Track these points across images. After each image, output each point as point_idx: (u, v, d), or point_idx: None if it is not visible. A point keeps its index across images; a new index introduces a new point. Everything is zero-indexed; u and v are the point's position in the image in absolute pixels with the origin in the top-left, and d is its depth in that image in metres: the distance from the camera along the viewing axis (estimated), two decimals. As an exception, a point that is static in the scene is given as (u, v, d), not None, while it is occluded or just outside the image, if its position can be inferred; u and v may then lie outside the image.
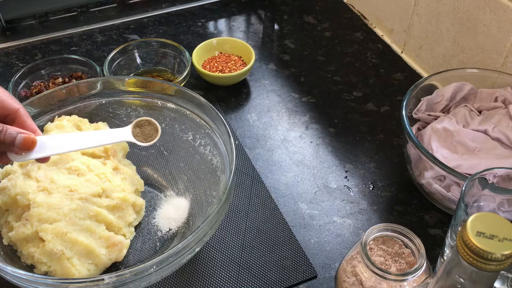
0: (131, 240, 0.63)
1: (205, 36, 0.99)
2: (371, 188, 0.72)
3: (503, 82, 0.71)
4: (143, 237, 0.64)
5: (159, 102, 0.68)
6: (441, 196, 0.64)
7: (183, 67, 0.85)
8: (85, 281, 0.48)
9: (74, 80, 0.83)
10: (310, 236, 0.66)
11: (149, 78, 0.70)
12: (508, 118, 0.68)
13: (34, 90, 0.81)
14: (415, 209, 0.69)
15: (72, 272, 0.56)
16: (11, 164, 0.62)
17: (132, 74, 0.87)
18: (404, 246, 0.53)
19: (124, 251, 0.60)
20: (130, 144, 0.70)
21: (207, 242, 0.60)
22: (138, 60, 0.88)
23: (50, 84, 0.83)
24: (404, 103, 0.67)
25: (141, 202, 0.65)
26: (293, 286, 0.61)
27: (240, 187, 0.71)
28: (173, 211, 0.67)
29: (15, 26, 1.00)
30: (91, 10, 1.04)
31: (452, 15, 0.80)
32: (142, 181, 0.68)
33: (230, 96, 0.86)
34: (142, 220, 0.66)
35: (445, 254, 0.56)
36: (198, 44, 0.89)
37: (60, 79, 0.84)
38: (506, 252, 0.29)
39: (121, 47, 0.85)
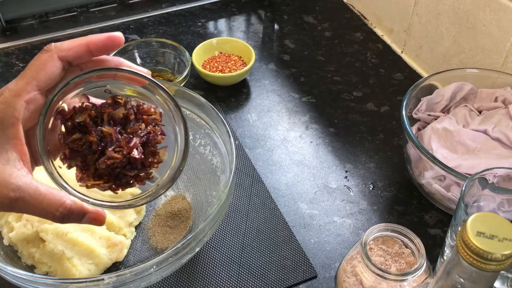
0: (131, 240, 0.63)
1: (205, 36, 0.99)
2: (371, 188, 0.72)
3: (503, 82, 0.71)
4: (143, 237, 0.64)
5: (159, 102, 0.67)
6: (441, 196, 0.64)
7: (183, 67, 0.85)
8: (85, 281, 0.48)
9: None
10: (310, 236, 0.66)
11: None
12: (508, 118, 0.68)
13: None
14: (415, 209, 0.69)
15: (72, 272, 0.56)
16: None
17: (132, 74, 0.87)
18: (404, 246, 0.53)
19: (125, 251, 0.61)
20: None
21: (207, 242, 0.60)
22: (138, 60, 0.88)
23: None
24: (404, 103, 0.67)
25: (141, 202, 0.65)
26: (293, 286, 0.61)
27: (240, 187, 0.71)
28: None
29: (15, 26, 1.00)
30: (91, 10, 1.04)
31: (452, 15, 0.80)
32: (142, 181, 0.68)
33: (230, 96, 0.86)
34: (142, 220, 0.66)
35: (445, 254, 0.56)
36: (198, 44, 0.89)
37: None
38: (506, 252, 0.29)
39: (121, 47, 0.85)
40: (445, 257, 0.56)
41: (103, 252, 0.58)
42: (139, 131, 0.44)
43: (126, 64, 0.44)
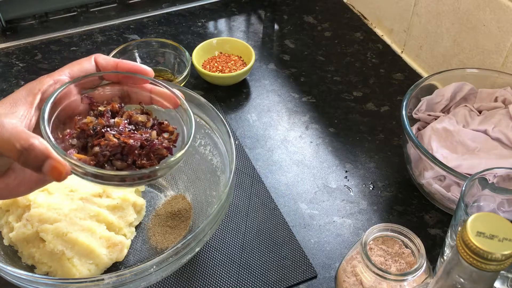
0: (131, 240, 0.63)
1: (205, 36, 0.99)
2: (371, 188, 0.72)
3: (503, 82, 0.72)
4: (143, 237, 0.64)
5: (159, 102, 0.67)
6: (441, 196, 0.64)
7: (183, 67, 0.85)
8: (85, 281, 0.48)
9: None
10: (310, 236, 0.66)
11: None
12: (508, 118, 0.68)
13: None
14: (415, 209, 0.69)
15: (72, 272, 0.56)
16: None
17: (132, 74, 0.87)
18: (404, 246, 0.53)
19: (125, 251, 0.61)
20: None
21: (207, 242, 0.60)
22: (138, 60, 0.88)
23: None
24: (404, 103, 0.67)
25: (141, 202, 0.65)
26: (293, 286, 0.61)
27: (240, 187, 0.71)
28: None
29: (15, 26, 1.00)
30: (91, 10, 1.04)
31: (452, 15, 0.80)
32: (142, 181, 0.68)
33: (230, 96, 0.86)
34: (142, 220, 0.66)
35: (445, 254, 0.56)
36: (198, 44, 0.89)
37: None
38: (506, 252, 0.29)
39: (121, 47, 0.85)
40: (445, 257, 0.56)
41: (103, 252, 0.58)
42: (148, 135, 0.45)
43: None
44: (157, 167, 0.43)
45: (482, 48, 0.77)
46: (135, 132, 0.45)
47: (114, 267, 0.60)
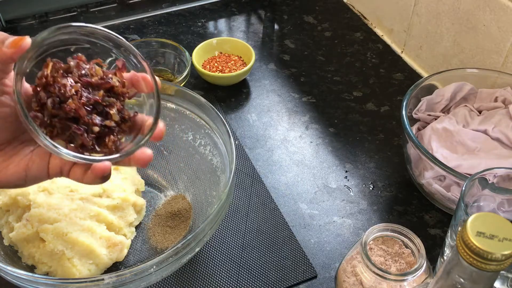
0: (131, 240, 0.63)
1: (205, 36, 0.99)
2: (371, 188, 0.72)
3: (503, 82, 0.72)
4: (143, 237, 0.64)
5: (159, 102, 0.67)
6: (441, 196, 0.64)
7: (183, 67, 0.85)
8: (85, 281, 0.48)
9: None
10: (310, 236, 0.66)
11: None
12: (508, 118, 0.68)
13: None
14: (415, 209, 0.69)
15: (73, 272, 0.56)
16: None
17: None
18: (404, 246, 0.53)
19: (125, 251, 0.61)
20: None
21: (207, 242, 0.61)
22: (138, 60, 0.88)
23: None
24: (404, 103, 0.67)
25: (141, 202, 0.65)
26: (293, 286, 0.61)
27: (240, 187, 0.71)
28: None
29: (15, 26, 1.00)
30: (91, 10, 1.04)
31: (452, 15, 0.80)
32: (142, 181, 0.68)
33: (230, 96, 0.86)
34: (142, 220, 0.66)
35: (445, 254, 0.56)
36: (198, 44, 0.89)
37: None
38: (506, 252, 0.29)
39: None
40: (445, 257, 0.56)
41: (103, 252, 0.58)
42: (88, 119, 0.42)
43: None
44: (49, 144, 0.40)
45: (482, 48, 0.77)
46: (93, 110, 0.42)
47: (114, 267, 0.60)
